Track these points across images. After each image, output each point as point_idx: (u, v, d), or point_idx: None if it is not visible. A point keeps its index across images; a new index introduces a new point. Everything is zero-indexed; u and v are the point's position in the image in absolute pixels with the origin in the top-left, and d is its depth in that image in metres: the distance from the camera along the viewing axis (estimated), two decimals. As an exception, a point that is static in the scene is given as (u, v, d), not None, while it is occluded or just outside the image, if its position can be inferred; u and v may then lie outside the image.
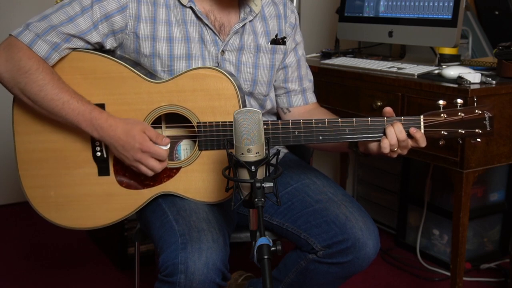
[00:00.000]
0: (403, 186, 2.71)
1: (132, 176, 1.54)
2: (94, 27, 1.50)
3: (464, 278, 2.11)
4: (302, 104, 1.76)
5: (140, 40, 1.53)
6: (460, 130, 1.45)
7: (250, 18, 1.62)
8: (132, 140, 1.45)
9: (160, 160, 1.47)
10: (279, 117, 1.80)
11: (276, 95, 1.76)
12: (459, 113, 1.45)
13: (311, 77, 1.80)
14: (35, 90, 1.45)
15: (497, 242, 2.62)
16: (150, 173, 1.48)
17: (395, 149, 1.43)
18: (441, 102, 1.45)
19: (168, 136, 1.56)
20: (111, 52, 1.57)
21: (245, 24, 1.61)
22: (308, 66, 1.79)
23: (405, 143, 1.43)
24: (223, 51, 1.59)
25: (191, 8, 1.56)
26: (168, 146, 1.48)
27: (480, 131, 1.46)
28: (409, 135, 1.43)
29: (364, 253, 1.48)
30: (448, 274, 2.28)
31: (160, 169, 1.48)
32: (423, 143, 1.43)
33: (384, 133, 1.43)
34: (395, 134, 1.42)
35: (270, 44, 1.65)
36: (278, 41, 1.66)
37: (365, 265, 1.51)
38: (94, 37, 1.51)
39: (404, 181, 2.70)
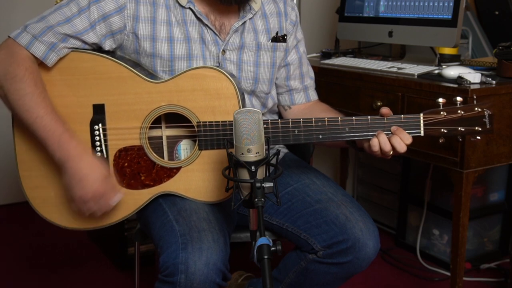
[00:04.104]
0: (403, 186, 2.71)
1: (132, 176, 1.54)
2: (91, 27, 1.50)
3: (464, 278, 2.11)
4: (304, 101, 1.76)
5: (139, 41, 1.53)
6: (459, 128, 1.45)
7: (250, 16, 1.62)
8: (92, 181, 1.42)
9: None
10: (278, 115, 1.81)
11: (278, 93, 1.76)
12: (459, 111, 1.45)
13: (312, 74, 1.80)
14: (14, 97, 1.44)
15: (497, 242, 2.62)
16: (87, 214, 1.47)
17: (390, 152, 1.43)
18: (440, 100, 1.45)
19: (168, 136, 1.57)
20: (111, 52, 1.57)
21: (245, 22, 1.61)
22: (309, 63, 1.80)
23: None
24: (224, 51, 1.59)
25: (190, 9, 1.56)
26: (120, 199, 1.47)
27: (480, 129, 1.46)
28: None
29: (364, 253, 1.48)
30: (448, 274, 2.28)
31: (99, 214, 1.47)
32: (407, 140, 1.43)
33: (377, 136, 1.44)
34: (385, 142, 1.42)
35: (271, 42, 1.66)
36: (278, 38, 1.67)
37: (365, 265, 1.51)
38: (91, 38, 1.51)
39: (404, 181, 2.70)
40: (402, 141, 1.42)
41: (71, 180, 1.44)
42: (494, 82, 1.88)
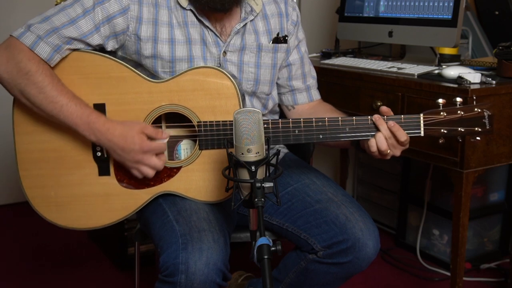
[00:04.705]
0: (403, 186, 2.71)
1: (132, 176, 1.54)
2: (96, 29, 1.50)
3: (464, 278, 2.11)
4: (307, 101, 1.76)
5: (141, 42, 1.53)
6: (459, 129, 1.45)
7: (251, 17, 1.62)
8: (131, 142, 1.45)
9: (160, 157, 1.48)
10: (282, 115, 1.81)
11: (280, 93, 1.76)
12: (459, 112, 1.45)
13: (314, 73, 1.80)
14: (34, 92, 1.45)
15: (497, 242, 2.62)
16: (151, 173, 1.48)
17: (387, 151, 1.44)
18: (440, 100, 1.46)
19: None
20: (112, 52, 1.57)
21: (246, 23, 1.61)
22: (311, 62, 1.80)
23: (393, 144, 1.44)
24: (225, 52, 1.59)
25: (191, 10, 1.56)
26: (167, 139, 1.49)
27: (480, 129, 1.46)
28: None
29: (364, 254, 1.48)
30: (448, 274, 2.28)
31: (161, 166, 1.48)
32: (402, 137, 1.43)
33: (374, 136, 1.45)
34: (381, 142, 1.43)
35: (272, 43, 1.65)
36: (279, 39, 1.67)
37: (365, 265, 1.51)
38: (96, 40, 1.51)
39: (404, 181, 2.70)
40: (398, 139, 1.42)
41: (117, 154, 1.47)
42: (494, 82, 1.88)
